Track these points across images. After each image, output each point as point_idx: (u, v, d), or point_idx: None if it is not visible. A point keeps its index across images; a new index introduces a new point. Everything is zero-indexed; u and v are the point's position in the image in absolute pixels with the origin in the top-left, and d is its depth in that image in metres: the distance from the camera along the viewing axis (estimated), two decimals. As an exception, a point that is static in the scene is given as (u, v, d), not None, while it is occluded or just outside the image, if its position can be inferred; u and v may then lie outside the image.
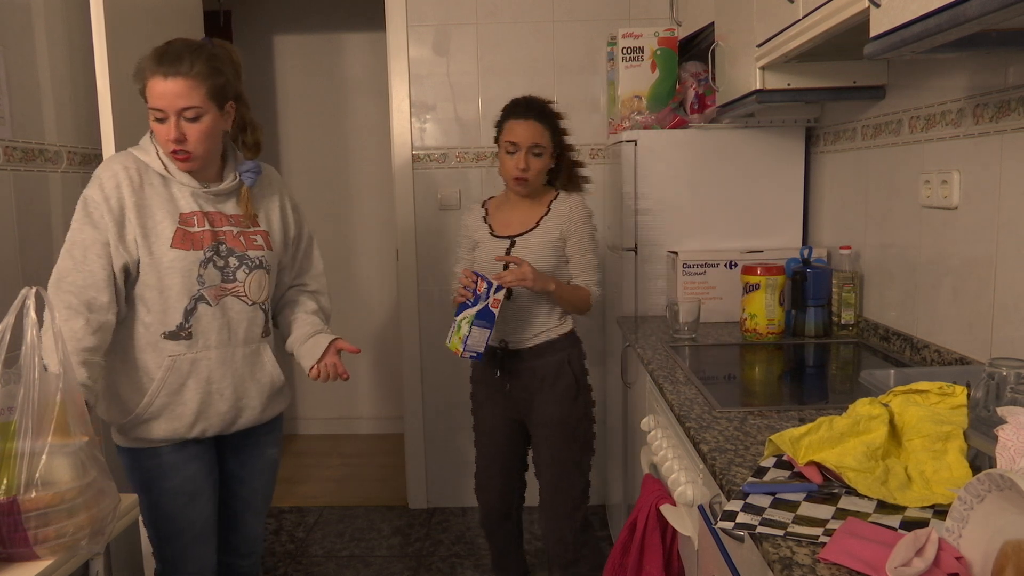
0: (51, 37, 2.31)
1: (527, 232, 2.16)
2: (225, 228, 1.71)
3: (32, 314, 1.20)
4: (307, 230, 1.94)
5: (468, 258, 2.25)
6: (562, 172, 2.23)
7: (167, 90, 1.58)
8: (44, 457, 1.14)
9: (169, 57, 1.59)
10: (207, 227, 1.67)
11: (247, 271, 1.72)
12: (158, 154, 1.66)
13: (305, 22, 4.24)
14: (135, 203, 1.62)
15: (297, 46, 4.27)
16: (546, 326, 2.18)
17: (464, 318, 2.03)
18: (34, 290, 1.24)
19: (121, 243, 1.61)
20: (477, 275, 2.03)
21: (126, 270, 1.63)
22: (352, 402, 4.46)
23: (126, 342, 1.68)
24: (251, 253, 1.73)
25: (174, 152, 1.62)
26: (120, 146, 2.08)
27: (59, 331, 1.25)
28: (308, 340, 1.86)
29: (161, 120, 1.61)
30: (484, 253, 2.18)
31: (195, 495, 1.75)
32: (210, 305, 1.68)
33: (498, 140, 2.17)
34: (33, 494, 1.13)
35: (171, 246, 1.63)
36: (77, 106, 2.42)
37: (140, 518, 1.73)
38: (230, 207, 1.74)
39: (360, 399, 4.47)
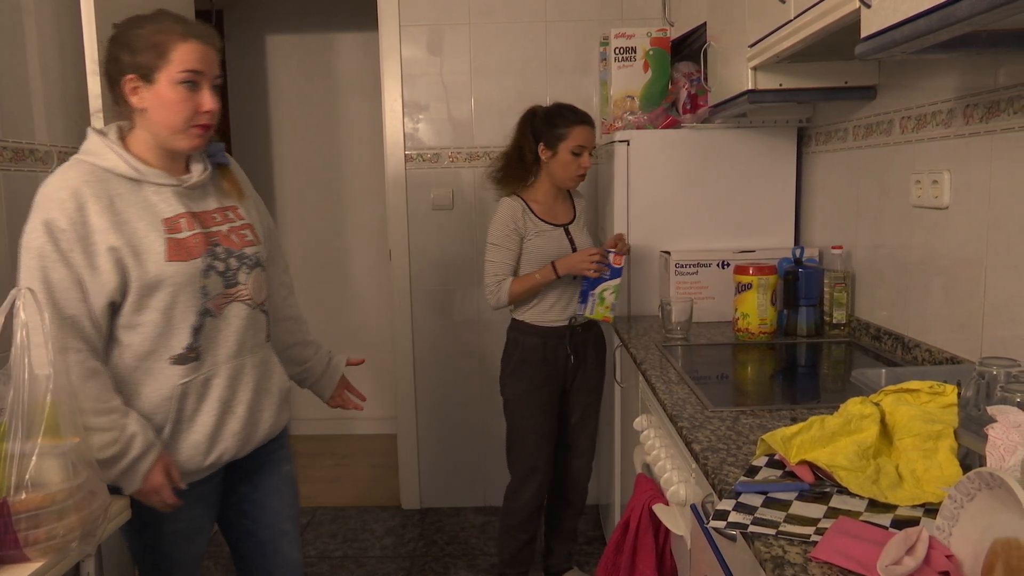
0: (42, 37, 2.30)
1: (572, 222, 2.49)
2: (214, 228, 1.49)
3: (21, 314, 1.19)
4: (269, 218, 1.76)
5: (515, 249, 2.39)
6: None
7: (208, 56, 1.41)
8: (34, 458, 1.14)
9: (196, 25, 1.44)
10: (198, 229, 1.45)
11: (247, 271, 1.52)
12: (118, 155, 1.40)
13: (298, 22, 4.22)
14: (111, 222, 1.36)
15: (290, 46, 4.25)
16: None
17: (606, 288, 2.34)
18: (24, 290, 1.23)
19: (96, 277, 1.36)
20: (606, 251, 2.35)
21: (112, 307, 1.40)
22: (345, 402, 4.44)
23: (116, 381, 1.42)
24: (247, 250, 1.53)
25: (201, 126, 1.43)
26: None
27: (48, 332, 1.24)
28: (324, 374, 1.86)
29: (194, 85, 1.40)
30: (550, 241, 2.42)
31: (195, 534, 1.58)
32: (215, 317, 1.47)
33: (552, 143, 2.36)
34: (23, 496, 1.12)
35: (167, 260, 1.39)
36: (68, 106, 2.41)
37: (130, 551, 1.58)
38: (211, 202, 1.52)
39: (353, 399, 4.45)
